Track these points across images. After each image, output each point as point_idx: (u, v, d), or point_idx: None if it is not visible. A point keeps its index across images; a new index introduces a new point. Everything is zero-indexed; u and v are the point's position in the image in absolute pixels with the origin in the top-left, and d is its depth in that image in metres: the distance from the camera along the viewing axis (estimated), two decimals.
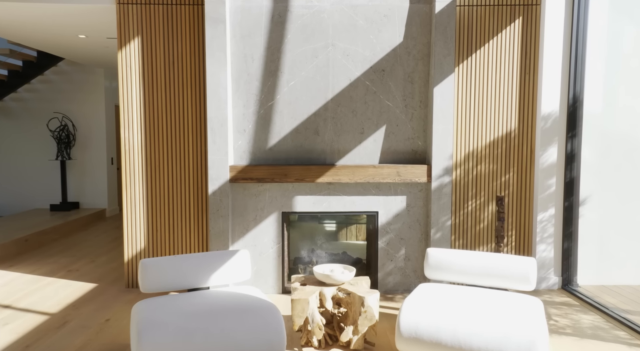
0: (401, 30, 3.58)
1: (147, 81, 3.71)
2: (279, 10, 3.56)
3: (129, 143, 3.76)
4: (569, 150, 3.69)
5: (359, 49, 3.60)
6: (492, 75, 3.71)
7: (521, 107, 3.74)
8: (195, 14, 3.66)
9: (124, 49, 3.68)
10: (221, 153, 3.56)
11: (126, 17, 3.65)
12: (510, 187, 3.80)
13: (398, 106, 3.65)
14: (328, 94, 3.64)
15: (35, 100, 7.15)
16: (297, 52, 3.60)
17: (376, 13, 3.56)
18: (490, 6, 3.65)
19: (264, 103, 3.65)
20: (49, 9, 3.83)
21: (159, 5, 3.64)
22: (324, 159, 3.70)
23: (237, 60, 3.60)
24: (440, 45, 3.50)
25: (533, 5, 3.64)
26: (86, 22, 4.23)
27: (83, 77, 7.09)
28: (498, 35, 3.68)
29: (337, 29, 3.58)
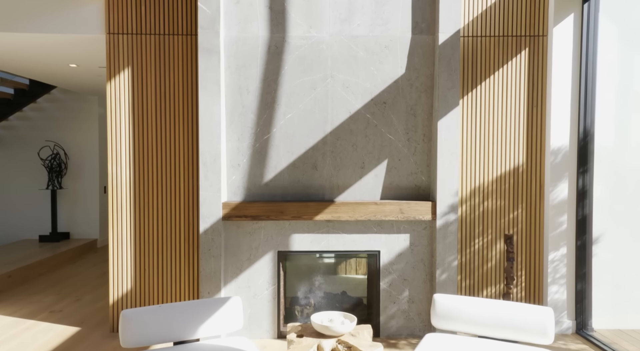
0: (403, 61, 3.45)
1: (137, 113, 3.54)
2: (275, 41, 3.43)
3: (117, 177, 3.57)
4: (581, 186, 3.50)
5: (359, 81, 3.45)
6: (499, 108, 3.56)
7: (529, 141, 3.57)
8: (188, 45, 3.52)
9: (113, 79, 3.53)
10: (213, 189, 3.37)
11: (116, 48, 3.51)
12: (519, 225, 3.60)
13: (400, 140, 3.48)
14: (327, 127, 3.47)
15: (26, 128, 6.99)
16: (294, 83, 3.45)
17: (377, 44, 3.43)
18: (495, 37, 3.53)
19: (260, 137, 3.47)
20: (38, 39, 3.70)
21: (150, 36, 3.51)
22: (322, 195, 3.51)
23: (231, 92, 3.45)
24: (444, 77, 3.35)
25: (540, 36, 3.52)
26: (77, 51, 4.10)
27: (76, 104, 6.96)
28: (504, 67, 3.54)
29: (337, 60, 3.44)
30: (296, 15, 3.41)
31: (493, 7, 3.51)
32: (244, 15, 3.41)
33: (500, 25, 3.52)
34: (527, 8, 3.51)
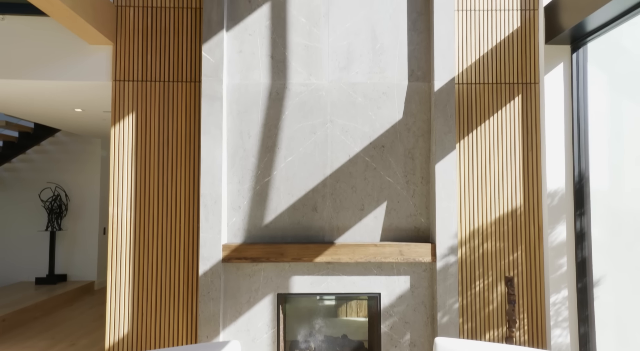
0: (400, 107, 3.56)
1: (140, 156, 3.61)
2: (276, 87, 3.55)
3: (117, 218, 3.59)
4: (579, 228, 3.53)
5: (358, 126, 3.54)
6: (495, 151, 3.64)
7: (526, 183, 3.63)
8: (191, 91, 3.64)
9: (118, 124, 3.62)
10: (214, 231, 3.39)
11: (121, 94, 3.63)
12: (519, 267, 3.60)
13: (399, 182, 3.54)
14: (327, 170, 3.54)
15: (29, 170, 7.07)
16: (295, 128, 3.54)
17: (375, 91, 3.55)
18: (489, 84, 3.66)
19: (260, 180, 3.53)
20: (45, 86, 3.82)
21: (155, 83, 3.63)
22: (322, 237, 3.53)
23: (233, 136, 3.54)
24: (440, 122, 3.45)
25: (532, 83, 3.65)
26: (83, 97, 4.23)
27: (80, 147, 7.06)
28: (498, 112, 3.65)
29: (336, 105, 3.55)
30: (297, 63, 3.55)
31: (485, 56, 3.66)
32: (247, 63, 3.55)
33: (493, 73, 3.66)
34: (518, 57, 3.67)
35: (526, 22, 3.67)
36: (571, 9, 3.22)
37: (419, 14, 3.59)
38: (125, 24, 3.62)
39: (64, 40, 3.59)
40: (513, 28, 3.67)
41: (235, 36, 3.56)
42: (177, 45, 3.63)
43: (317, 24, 3.57)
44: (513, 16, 3.67)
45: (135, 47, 3.63)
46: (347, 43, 3.57)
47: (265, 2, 3.57)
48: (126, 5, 3.63)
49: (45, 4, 2.84)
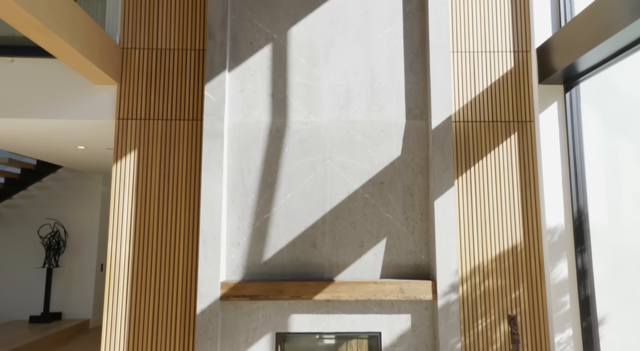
0: (398, 144, 3.61)
1: (140, 193, 3.63)
2: (277, 125, 3.62)
3: (116, 255, 3.57)
4: (580, 265, 3.50)
5: (357, 162, 3.59)
6: (493, 188, 3.67)
7: (525, 220, 3.64)
8: (193, 129, 3.70)
9: (120, 161, 3.66)
10: (212, 268, 3.36)
11: (124, 132, 3.69)
12: (522, 305, 3.54)
13: (398, 219, 3.54)
14: (326, 207, 3.55)
15: (29, 206, 7.08)
16: (294, 165, 3.58)
17: (373, 128, 3.62)
18: (485, 122, 3.73)
19: (260, 216, 3.54)
20: (50, 124, 3.89)
21: (157, 121, 3.71)
22: (322, 274, 3.49)
23: (233, 173, 3.57)
24: (438, 159, 3.50)
25: (527, 121, 3.72)
26: (86, 135, 4.30)
27: (81, 183, 7.10)
28: (495, 150, 3.70)
29: (335, 143, 3.61)
30: (297, 102, 3.64)
31: (481, 95, 3.75)
32: (248, 102, 3.64)
33: (489, 112, 3.74)
34: (513, 96, 3.75)
35: (520, 63, 3.78)
36: (562, 51, 3.32)
37: (416, 55, 3.70)
38: (130, 65, 3.73)
39: (71, 80, 3.68)
40: (507, 68, 3.77)
41: (237, 76, 3.66)
42: (180, 85, 3.73)
43: (317, 64, 3.68)
44: (507, 57, 3.79)
45: (139, 87, 3.72)
46: (346, 82, 3.66)
47: (266, 44, 3.70)
48: (132, 47, 3.76)
49: (55, 48, 2.94)
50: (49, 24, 2.67)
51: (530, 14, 3.79)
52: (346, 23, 3.72)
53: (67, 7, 2.91)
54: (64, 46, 2.91)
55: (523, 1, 3.83)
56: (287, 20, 3.72)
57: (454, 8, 3.83)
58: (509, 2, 3.83)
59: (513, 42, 3.80)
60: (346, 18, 3.73)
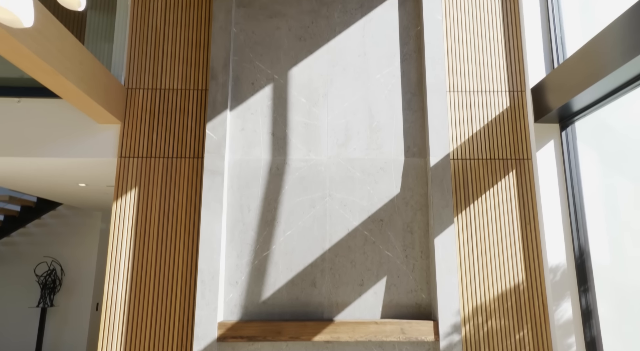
0: (398, 181, 3.63)
1: (139, 231, 3.62)
2: (277, 163, 3.65)
3: (112, 295, 3.51)
4: (584, 305, 3.44)
5: (356, 200, 3.60)
6: (493, 226, 3.65)
7: (526, 258, 3.60)
8: (193, 166, 3.74)
9: (120, 199, 3.68)
10: (210, 308, 3.30)
11: (126, 170, 3.72)
12: (527, 346, 3.45)
13: (399, 256, 3.51)
14: (325, 244, 3.53)
15: (27, 244, 7.03)
16: (294, 202, 3.59)
17: (372, 166, 3.65)
18: (483, 160, 3.76)
19: (259, 254, 3.51)
20: (53, 163, 3.93)
21: (159, 159, 3.74)
22: (321, 313, 3.43)
23: (233, 210, 3.57)
24: (437, 196, 3.51)
25: (524, 159, 3.76)
26: (88, 173, 4.33)
27: (80, 220, 7.08)
28: (494, 187, 3.72)
29: (334, 180, 3.63)
30: (296, 140, 3.69)
31: (478, 133, 3.80)
32: (248, 140, 3.69)
33: (486, 149, 3.78)
34: (509, 134, 3.81)
35: (515, 102, 3.86)
36: (556, 92, 3.40)
37: (413, 95, 3.78)
38: (134, 105, 3.81)
39: (75, 119, 3.75)
40: (503, 108, 3.85)
41: (238, 115, 3.73)
42: (182, 124, 3.80)
43: (317, 103, 3.76)
44: (502, 97, 3.87)
45: (142, 126, 3.78)
46: (345, 121, 3.73)
47: (267, 84, 3.79)
48: (136, 87, 3.85)
49: (61, 89, 3.02)
50: (57, 67, 2.75)
51: (523, 55, 3.90)
52: (345, 64, 3.83)
53: (76, 51, 3.00)
54: (71, 87, 2.99)
55: (516, 43, 3.95)
56: (288, 62, 3.83)
57: (449, 49, 3.95)
58: (503, 44, 3.96)
59: (508, 82, 3.89)
60: (345, 59, 3.84)
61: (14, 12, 1.35)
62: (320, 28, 3.89)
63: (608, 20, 2.85)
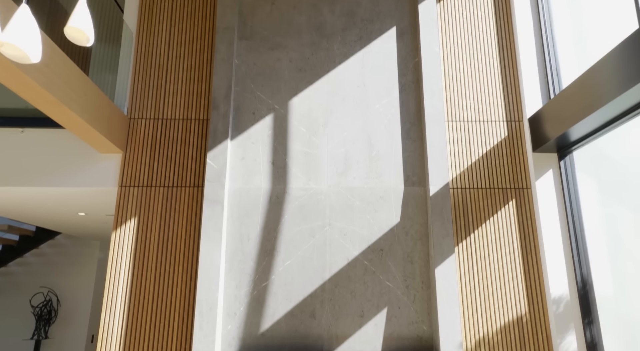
0: (397, 210, 3.63)
1: (138, 261, 3.59)
2: (276, 192, 3.66)
3: (108, 326, 3.45)
4: (589, 338, 3.37)
5: (356, 229, 3.58)
6: (494, 255, 3.62)
7: (529, 289, 3.55)
8: (194, 196, 3.74)
9: (120, 228, 3.66)
10: (207, 340, 3.24)
11: (126, 199, 3.72)
12: None
13: (399, 287, 3.47)
14: (325, 274, 3.49)
15: (24, 274, 6.96)
16: (294, 231, 3.57)
17: (372, 195, 3.65)
18: (482, 189, 3.77)
19: (258, 284, 3.47)
20: (53, 192, 3.94)
21: (159, 188, 3.75)
22: (321, 346, 3.36)
23: (232, 239, 3.55)
24: (437, 226, 3.49)
25: (524, 189, 3.76)
26: (88, 202, 4.33)
27: (78, 250, 7.03)
28: (494, 216, 3.71)
29: (334, 209, 3.62)
30: (296, 169, 3.71)
31: (477, 162, 3.82)
32: (249, 169, 3.71)
33: (485, 179, 3.79)
34: (508, 164, 3.83)
35: (513, 132, 3.89)
36: (553, 122, 3.44)
37: (412, 124, 3.83)
38: (136, 134, 3.85)
39: (76, 149, 3.78)
40: (501, 137, 3.88)
41: (239, 144, 3.76)
42: (183, 153, 3.82)
43: (317, 133, 3.80)
44: (500, 127, 3.91)
45: (143, 155, 3.81)
46: (344, 150, 3.76)
47: (268, 114, 3.84)
48: (139, 117, 3.90)
49: (65, 119, 3.06)
50: (62, 98, 2.80)
51: (520, 85, 3.96)
52: (345, 94, 3.89)
53: (81, 82, 3.06)
54: (74, 118, 3.03)
55: (513, 74, 4.02)
56: (288, 92, 3.89)
57: (447, 80, 4.01)
58: (500, 75, 4.03)
59: (505, 112, 3.94)
60: (345, 89, 3.90)
61: (23, 48, 1.39)
62: (320, 59, 3.97)
63: (601, 52, 2.91)
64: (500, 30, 4.12)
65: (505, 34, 4.12)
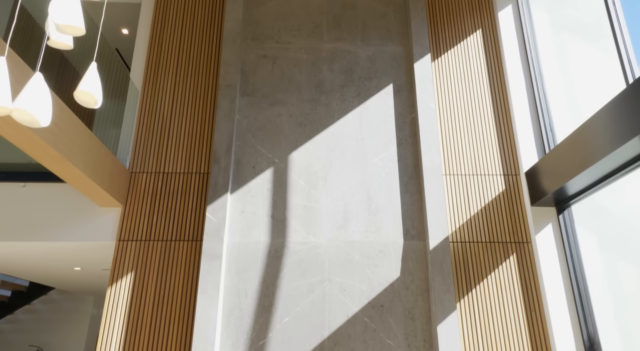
0: (397, 265, 3.58)
1: (133, 317, 3.50)
2: (275, 246, 3.63)
3: None
4: None
5: (355, 284, 3.52)
6: (497, 312, 3.53)
7: (534, 347, 3.43)
8: (192, 250, 3.71)
9: (116, 283, 3.59)
10: None
11: (124, 253, 3.69)
12: None
13: (400, 346, 3.36)
14: (324, 332, 3.39)
15: (14, 331, 6.74)
16: (292, 286, 3.51)
17: (372, 249, 3.62)
18: (482, 243, 3.74)
19: (255, 342, 3.36)
20: (49, 247, 3.91)
21: (157, 242, 3.73)
22: None
23: (229, 295, 3.48)
24: (438, 281, 3.44)
25: (524, 243, 3.74)
26: (85, 256, 4.28)
27: (71, 305, 6.86)
28: (495, 271, 3.65)
29: (333, 263, 3.58)
30: (296, 222, 3.70)
31: (476, 216, 3.82)
32: (248, 223, 3.70)
33: (485, 232, 3.77)
34: (507, 217, 3.82)
35: (510, 185, 3.93)
36: (550, 176, 3.48)
37: (410, 178, 3.86)
38: (137, 188, 3.88)
39: (76, 203, 3.79)
40: (499, 191, 3.91)
41: (239, 198, 3.78)
42: (182, 207, 3.83)
43: (316, 186, 3.82)
44: (497, 180, 3.95)
45: (143, 209, 3.82)
46: (343, 203, 3.77)
47: (268, 167, 3.89)
48: (140, 171, 3.94)
49: (67, 174, 3.09)
50: (66, 153, 2.85)
51: (515, 139, 4.04)
52: (343, 148, 3.96)
53: (85, 138, 3.12)
54: (77, 173, 3.06)
55: (507, 128, 4.11)
56: (288, 146, 3.96)
57: (444, 135, 4.10)
58: (494, 129, 4.12)
59: (502, 165, 3.99)
60: (343, 144, 3.97)
61: (34, 114, 1.44)
62: (319, 115, 4.08)
63: (592, 107, 2.99)
64: (493, 86, 4.27)
65: (498, 90, 4.25)
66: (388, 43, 4.32)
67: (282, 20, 4.37)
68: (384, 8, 4.45)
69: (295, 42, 4.30)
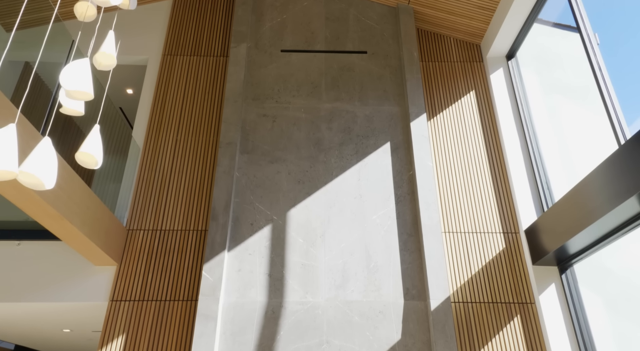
0: (398, 327, 3.47)
1: None
2: (272, 306, 3.53)
3: None
4: None
5: (355, 347, 3.39)
6: None
7: None
8: (186, 310, 3.60)
9: (106, 347, 3.44)
10: None
11: (116, 314, 3.57)
12: None
13: None
14: None
15: None
16: (289, 350, 3.37)
17: (371, 309, 3.52)
18: (485, 303, 3.65)
19: None
20: (39, 307, 3.78)
21: (151, 302, 3.62)
22: None
23: None
24: (440, 343, 3.31)
25: (528, 303, 3.64)
26: (75, 317, 4.14)
27: None
28: (500, 333, 3.53)
29: (332, 325, 3.46)
30: (293, 281, 3.62)
31: (477, 275, 3.76)
32: (245, 282, 3.62)
33: (487, 292, 3.69)
34: (508, 277, 3.76)
35: (511, 243, 3.89)
36: (550, 234, 3.45)
37: (409, 235, 3.84)
38: (133, 246, 3.83)
39: (70, 261, 3.72)
40: (499, 249, 3.87)
41: (236, 256, 3.72)
42: (178, 265, 3.76)
43: (314, 244, 3.78)
44: (497, 238, 3.92)
45: (138, 268, 3.74)
46: (342, 261, 3.71)
47: (266, 224, 3.86)
48: (137, 228, 3.91)
49: (64, 232, 3.05)
50: (64, 212, 2.83)
51: (513, 196, 4.06)
52: (342, 205, 3.96)
53: (84, 196, 3.12)
54: (73, 231, 3.03)
55: (505, 185, 4.14)
56: (287, 203, 3.96)
57: (442, 192, 4.12)
58: (492, 187, 4.15)
59: (501, 223, 3.98)
60: (342, 201, 3.98)
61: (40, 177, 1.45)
62: (318, 172, 4.12)
63: (587, 165, 3.03)
64: (488, 144, 4.35)
65: (493, 148, 4.33)
66: (385, 103, 4.45)
67: (282, 81, 4.53)
68: (380, 70, 4.62)
69: (294, 101, 4.43)
